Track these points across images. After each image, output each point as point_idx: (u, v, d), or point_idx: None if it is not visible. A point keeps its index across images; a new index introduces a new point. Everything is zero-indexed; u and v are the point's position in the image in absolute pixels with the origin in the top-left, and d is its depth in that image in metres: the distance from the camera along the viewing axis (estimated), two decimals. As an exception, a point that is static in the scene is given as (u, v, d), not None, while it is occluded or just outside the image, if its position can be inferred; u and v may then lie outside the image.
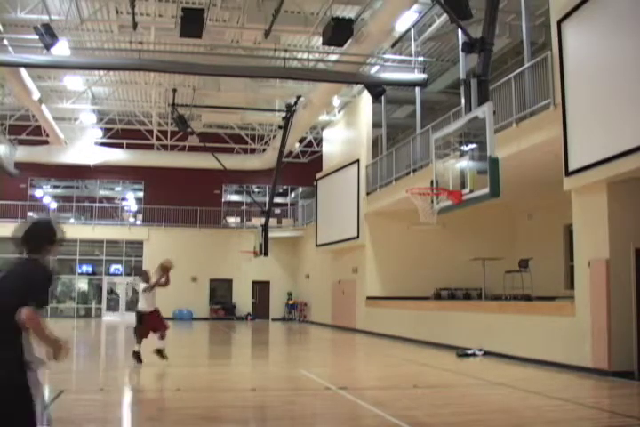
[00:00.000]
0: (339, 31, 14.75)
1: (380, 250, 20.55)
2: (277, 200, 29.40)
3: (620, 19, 9.56)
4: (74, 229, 30.09)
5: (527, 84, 12.28)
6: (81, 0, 16.45)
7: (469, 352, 13.58)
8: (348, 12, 16.87)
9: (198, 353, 16.01)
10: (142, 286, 12.13)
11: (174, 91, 19.05)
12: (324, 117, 25.36)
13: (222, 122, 27.80)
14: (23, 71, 18.61)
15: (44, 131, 25.93)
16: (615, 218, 10.24)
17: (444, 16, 15.37)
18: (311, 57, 18.10)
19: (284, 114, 19.63)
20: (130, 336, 22.67)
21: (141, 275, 12.58)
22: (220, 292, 30.99)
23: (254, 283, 31.01)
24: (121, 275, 30.83)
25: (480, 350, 13.58)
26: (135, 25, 16.15)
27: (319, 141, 28.97)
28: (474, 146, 8.39)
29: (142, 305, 12.09)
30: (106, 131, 28.60)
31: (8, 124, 26.57)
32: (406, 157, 18.46)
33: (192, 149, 28.72)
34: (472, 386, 9.68)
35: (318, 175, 25.96)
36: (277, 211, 31.74)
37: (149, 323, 11.93)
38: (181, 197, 30.14)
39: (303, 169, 30.17)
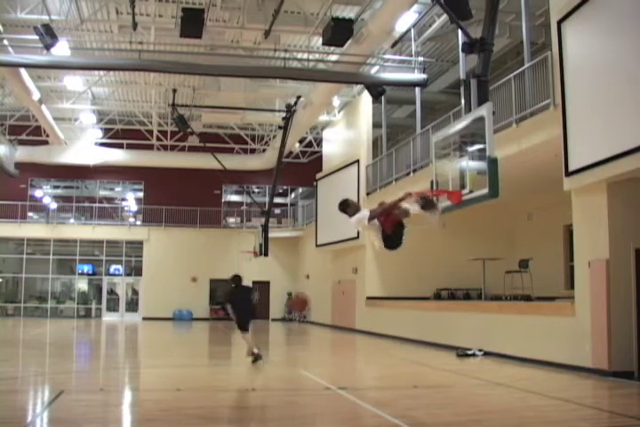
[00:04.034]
0: (339, 31, 14.75)
1: (380, 250, 20.50)
2: (277, 200, 29.40)
3: (620, 19, 9.56)
4: (74, 230, 30.18)
5: (527, 84, 12.28)
6: (81, 0, 16.45)
7: (469, 352, 13.58)
8: (348, 12, 16.86)
9: (198, 353, 16.01)
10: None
11: (174, 91, 19.03)
12: (324, 117, 25.35)
13: (222, 122, 27.78)
14: (23, 71, 18.60)
15: (44, 131, 25.91)
16: (615, 218, 10.24)
17: (444, 16, 15.37)
18: (311, 57, 18.08)
19: (283, 114, 19.61)
20: (130, 337, 22.57)
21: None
22: (220, 292, 30.88)
23: (254, 283, 30.94)
24: (121, 275, 30.83)
25: (480, 350, 13.58)
26: (135, 25, 16.14)
27: (319, 141, 28.96)
28: (474, 146, 8.37)
29: None
30: (106, 131, 28.57)
31: (8, 124, 26.56)
32: (406, 157, 18.45)
33: (192, 149, 28.70)
34: (472, 386, 9.68)
35: (318, 175, 25.96)
36: (277, 211, 31.73)
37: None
38: (181, 198, 30.13)
39: (303, 169, 30.15)
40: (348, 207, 7.45)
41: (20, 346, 16.69)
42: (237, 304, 12.21)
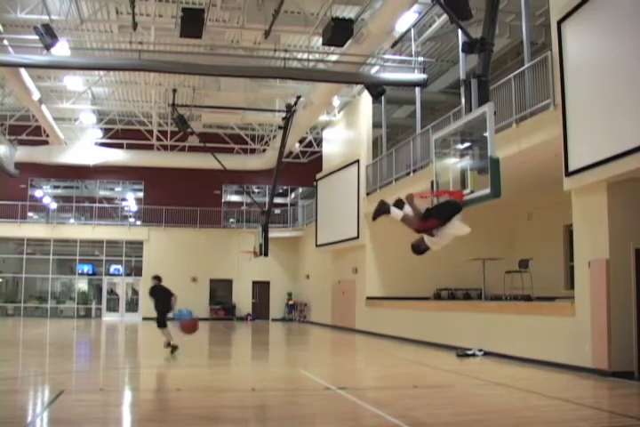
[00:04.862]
0: (339, 31, 14.74)
1: (380, 250, 20.56)
2: (277, 200, 29.40)
3: (620, 19, 9.56)
4: (74, 230, 30.19)
5: (527, 84, 12.28)
6: (81, 0, 16.45)
7: (469, 352, 13.58)
8: (348, 12, 16.87)
9: (198, 353, 16.01)
10: None
11: (174, 91, 19.02)
12: (324, 117, 25.35)
13: (222, 122, 27.79)
14: (23, 71, 18.60)
15: (44, 131, 25.91)
16: (615, 218, 10.24)
17: (444, 16, 15.37)
18: (311, 57, 18.09)
19: (283, 114, 19.62)
20: (130, 337, 22.58)
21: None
22: (220, 292, 30.98)
23: (254, 283, 31.01)
24: (121, 275, 30.82)
25: (480, 350, 13.58)
26: (135, 25, 16.14)
27: (319, 141, 28.96)
28: (474, 146, 8.38)
29: None
30: (106, 131, 28.58)
31: (8, 124, 26.56)
32: (406, 157, 18.46)
33: (192, 149, 28.70)
34: (472, 386, 9.68)
35: (318, 175, 25.96)
36: (277, 211, 31.73)
37: None
38: (181, 198, 30.13)
39: (303, 169, 30.16)
40: (418, 249, 7.12)
41: (20, 346, 16.69)
42: (158, 300, 14.11)
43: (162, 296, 14.09)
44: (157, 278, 14.52)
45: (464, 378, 10.56)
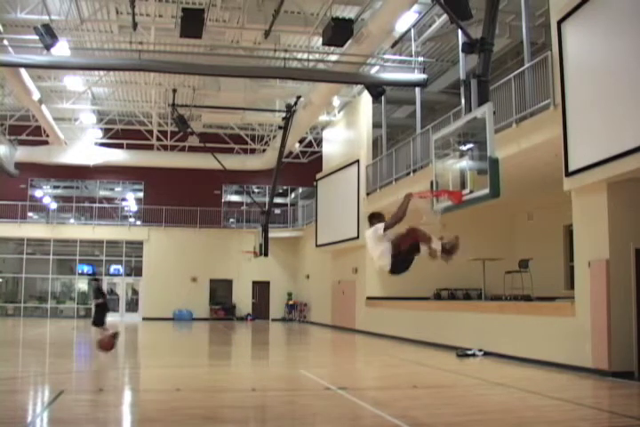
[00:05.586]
0: (339, 31, 14.75)
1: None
2: (277, 200, 29.40)
3: (621, 19, 9.56)
4: (74, 230, 30.19)
5: (527, 84, 12.28)
6: (81, 0, 16.46)
7: (469, 352, 13.58)
8: (348, 13, 16.88)
9: (198, 353, 16.01)
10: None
11: (174, 91, 19.04)
12: (324, 117, 25.35)
13: (222, 122, 27.80)
14: (23, 71, 18.61)
15: (44, 131, 25.92)
16: (615, 218, 10.24)
17: (444, 16, 15.38)
18: (311, 57, 18.09)
19: (283, 114, 19.63)
20: (130, 337, 22.56)
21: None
22: (220, 292, 30.98)
23: (254, 283, 31.01)
24: (121, 275, 30.82)
25: (480, 350, 13.58)
26: (135, 25, 16.15)
27: (319, 142, 28.96)
28: (474, 146, 8.38)
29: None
30: (106, 131, 28.59)
31: (8, 124, 26.57)
32: (406, 157, 18.45)
33: (192, 149, 28.72)
34: (472, 386, 9.68)
35: (318, 175, 25.95)
36: (277, 211, 31.74)
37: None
38: (181, 198, 30.14)
39: (303, 169, 30.16)
40: (374, 218, 7.04)
41: (20, 346, 16.69)
42: (105, 301, 15.44)
43: (104, 300, 15.34)
44: (97, 280, 15.94)
45: (464, 378, 10.57)
